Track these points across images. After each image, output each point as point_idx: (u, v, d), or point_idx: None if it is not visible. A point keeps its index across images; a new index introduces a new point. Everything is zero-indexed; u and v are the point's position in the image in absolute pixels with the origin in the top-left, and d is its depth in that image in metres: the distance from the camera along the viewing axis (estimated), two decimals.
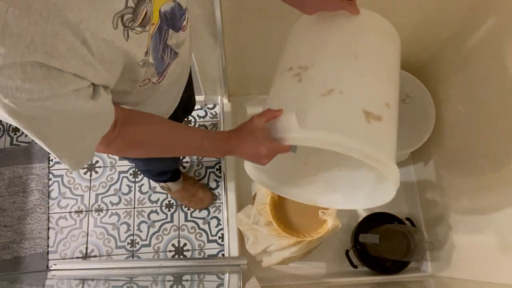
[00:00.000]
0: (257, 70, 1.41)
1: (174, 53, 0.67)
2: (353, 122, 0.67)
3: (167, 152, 0.70)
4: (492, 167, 1.04)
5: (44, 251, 1.53)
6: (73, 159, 0.54)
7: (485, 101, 1.07)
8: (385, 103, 0.71)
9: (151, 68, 0.62)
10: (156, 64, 0.63)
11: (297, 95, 0.72)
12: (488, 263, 1.06)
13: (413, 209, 1.47)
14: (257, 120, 0.69)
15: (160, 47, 0.61)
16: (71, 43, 0.41)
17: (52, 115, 0.46)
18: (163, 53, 0.63)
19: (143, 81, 0.63)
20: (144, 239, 1.55)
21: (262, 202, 1.14)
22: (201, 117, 1.72)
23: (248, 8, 1.08)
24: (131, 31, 0.50)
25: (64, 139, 0.51)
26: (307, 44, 0.80)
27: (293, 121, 0.67)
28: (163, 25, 0.59)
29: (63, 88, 0.43)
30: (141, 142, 0.65)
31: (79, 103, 0.47)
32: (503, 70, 0.98)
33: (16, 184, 1.61)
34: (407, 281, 1.36)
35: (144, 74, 0.61)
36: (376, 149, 0.65)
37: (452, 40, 1.20)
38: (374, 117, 0.67)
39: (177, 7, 0.61)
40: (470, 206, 1.15)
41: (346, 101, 0.68)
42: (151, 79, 0.65)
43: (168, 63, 0.67)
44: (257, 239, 1.19)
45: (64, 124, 0.49)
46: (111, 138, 0.60)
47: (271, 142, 0.68)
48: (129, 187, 1.62)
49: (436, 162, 1.36)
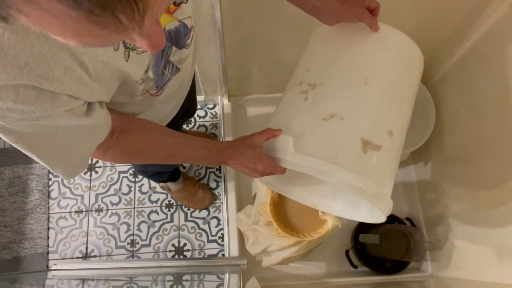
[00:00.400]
0: (257, 70, 1.41)
1: (176, 68, 0.66)
2: (348, 151, 0.67)
3: (163, 160, 0.70)
4: (492, 167, 1.04)
5: (44, 251, 1.53)
6: (67, 169, 0.53)
7: (485, 101, 1.07)
8: (388, 132, 0.69)
9: (150, 82, 0.62)
10: (156, 79, 0.62)
11: (300, 116, 0.72)
12: (488, 263, 1.06)
13: (413, 209, 1.47)
14: (258, 137, 0.70)
15: (161, 63, 0.60)
16: (68, 65, 0.40)
17: (44, 131, 0.45)
18: (164, 68, 0.63)
19: (141, 91, 0.63)
20: (144, 239, 1.55)
21: (262, 202, 1.14)
22: (201, 117, 1.72)
23: (248, 8, 1.08)
24: (132, 51, 0.49)
25: (56, 151, 0.50)
26: (320, 59, 0.79)
27: (289, 144, 0.68)
28: (167, 42, 0.58)
29: (55, 109, 0.42)
30: (138, 151, 0.65)
31: (72, 121, 0.46)
32: (503, 70, 0.98)
33: (16, 184, 1.61)
34: (407, 281, 1.36)
35: (144, 86, 0.60)
36: (366, 180, 0.64)
37: (452, 40, 1.20)
38: (372, 147, 0.67)
39: (183, 26, 0.59)
40: (470, 206, 1.15)
41: (346, 128, 0.68)
42: (150, 91, 0.65)
43: (168, 78, 0.66)
44: (257, 239, 1.19)
45: (56, 138, 0.48)
46: (108, 146, 0.59)
47: (268, 160, 0.69)
48: (129, 187, 1.62)
49: (436, 162, 1.36)
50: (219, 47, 1.19)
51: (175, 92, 0.75)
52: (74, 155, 0.53)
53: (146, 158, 0.68)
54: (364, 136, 0.67)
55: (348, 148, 0.67)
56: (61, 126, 0.47)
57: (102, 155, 0.61)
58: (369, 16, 0.72)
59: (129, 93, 0.59)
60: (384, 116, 0.71)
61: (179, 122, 1.03)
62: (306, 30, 1.17)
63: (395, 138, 0.70)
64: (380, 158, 0.68)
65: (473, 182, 1.13)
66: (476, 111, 1.11)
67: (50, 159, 0.50)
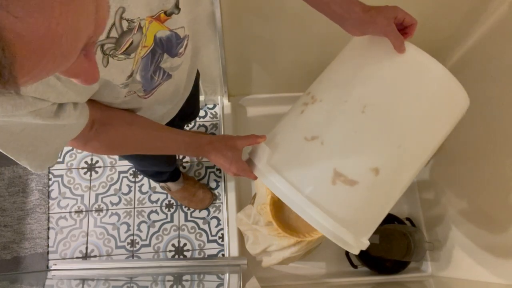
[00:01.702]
0: (257, 70, 1.41)
1: (168, 75, 0.65)
2: (317, 178, 0.63)
3: (145, 152, 0.72)
4: (492, 167, 1.04)
5: (44, 251, 1.53)
6: (33, 163, 0.52)
7: (484, 101, 1.07)
8: (371, 169, 0.62)
9: (137, 85, 0.61)
10: (144, 82, 0.61)
11: (288, 128, 0.70)
12: (488, 263, 1.06)
13: (413, 209, 1.47)
14: (240, 141, 0.72)
15: (151, 68, 0.60)
16: None
17: (8, 126, 0.44)
18: (153, 74, 0.62)
19: (127, 92, 0.62)
20: (144, 239, 1.55)
21: (262, 202, 1.14)
22: (201, 117, 1.72)
23: (248, 8, 1.08)
24: (111, 58, 0.48)
25: (23, 146, 0.48)
26: (334, 73, 0.72)
27: (265, 154, 0.68)
28: (157, 49, 0.57)
29: (16, 111, 0.41)
30: (120, 143, 0.65)
31: (37, 121, 0.44)
32: (502, 70, 0.98)
33: (16, 184, 1.61)
34: (407, 281, 1.36)
35: (128, 91, 0.60)
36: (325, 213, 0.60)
37: (452, 40, 1.20)
38: (345, 181, 0.61)
39: (174, 36, 0.59)
40: (470, 206, 1.15)
41: (322, 154, 0.63)
42: (137, 93, 0.64)
43: (158, 83, 0.65)
44: (257, 239, 1.19)
45: (23, 134, 0.46)
46: (87, 138, 0.59)
47: (244, 165, 0.71)
48: (129, 187, 1.62)
49: (435, 162, 1.36)
50: (219, 47, 1.19)
51: (169, 96, 0.74)
52: (43, 150, 0.51)
53: (128, 150, 0.69)
54: (337, 166, 0.61)
55: (317, 177, 0.63)
56: (27, 123, 0.45)
57: (82, 146, 0.60)
58: (394, 32, 0.62)
59: (112, 95, 0.58)
60: (372, 151, 0.63)
61: (178, 124, 1.03)
62: (306, 30, 1.17)
63: (383, 177, 0.63)
64: (353, 194, 0.62)
65: (473, 182, 1.13)
66: (476, 111, 1.11)
67: (16, 153, 0.48)
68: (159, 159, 1.16)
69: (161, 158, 1.16)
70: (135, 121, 0.67)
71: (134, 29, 0.49)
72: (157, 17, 0.53)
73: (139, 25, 0.49)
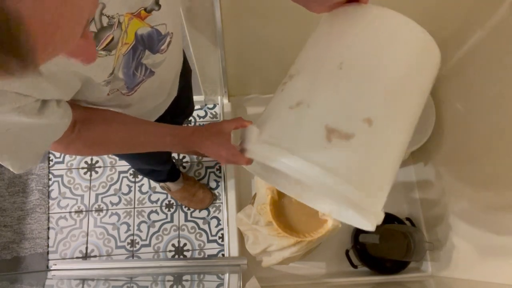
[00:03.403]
0: (257, 70, 1.41)
1: (150, 71, 0.66)
2: (311, 138, 0.61)
3: (129, 150, 0.70)
4: (492, 167, 1.04)
5: (44, 251, 1.53)
6: (16, 164, 0.52)
7: (484, 101, 1.07)
8: (363, 119, 0.60)
9: (119, 82, 0.61)
10: (126, 79, 0.61)
11: (273, 107, 0.69)
12: (488, 263, 1.06)
13: (413, 209, 1.47)
14: (226, 124, 0.70)
15: (132, 65, 0.60)
16: None
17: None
18: (135, 70, 0.62)
19: (110, 91, 0.62)
20: (144, 239, 1.55)
21: (262, 202, 1.14)
22: (201, 117, 1.72)
23: (248, 8, 1.08)
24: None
25: (7, 145, 0.49)
26: (306, 50, 0.75)
27: (253, 134, 0.65)
28: (139, 45, 0.58)
29: (0, 107, 0.41)
30: (102, 142, 0.64)
31: (21, 119, 0.45)
32: (502, 70, 0.98)
33: (16, 184, 1.61)
34: (407, 281, 1.36)
35: (110, 89, 0.59)
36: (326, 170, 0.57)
37: (452, 40, 1.20)
38: (340, 135, 0.59)
39: (155, 32, 0.59)
40: (470, 206, 1.15)
41: (311, 115, 0.62)
42: (120, 90, 0.64)
43: (141, 80, 0.65)
44: (257, 239, 1.19)
45: (7, 133, 0.46)
46: (70, 140, 0.58)
47: (234, 149, 0.68)
48: (129, 187, 1.62)
49: (436, 162, 1.36)
50: (219, 47, 1.19)
51: (154, 92, 0.74)
52: (26, 151, 0.51)
53: (111, 148, 0.67)
54: (329, 123, 0.60)
55: (310, 137, 0.60)
56: (12, 123, 0.45)
57: (64, 149, 0.60)
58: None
59: (94, 95, 0.58)
60: (360, 102, 0.62)
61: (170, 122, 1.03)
62: (306, 29, 1.17)
63: (377, 128, 0.61)
64: (352, 149, 0.59)
65: (473, 182, 1.13)
66: (476, 111, 1.11)
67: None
68: (151, 157, 1.15)
69: (152, 156, 1.15)
70: (116, 118, 0.66)
71: (114, 25, 0.49)
72: (138, 14, 0.53)
73: (118, 21, 0.50)
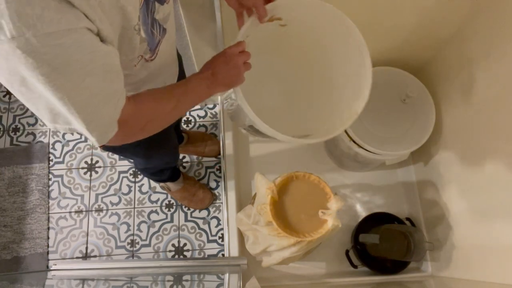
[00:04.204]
0: None
1: (163, 29, 0.70)
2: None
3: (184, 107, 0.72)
4: (492, 167, 1.04)
5: (44, 251, 1.53)
6: (97, 128, 0.53)
7: (485, 101, 1.07)
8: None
9: (143, 44, 0.64)
10: (148, 39, 0.65)
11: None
12: (488, 263, 1.06)
13: (413, 209, 1.46)
14: (230, 50, 0.77)
15: (149, 21, 0.63)
16: None
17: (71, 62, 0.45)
18: (152, 27, 0.65)
19: (137, 58, 0.65)
20: (144, 239, 1.55)
21: (262, 202, 1.14)
22: (201, 117, 1.72)
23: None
24: None
25: (85, 101, 0.50)
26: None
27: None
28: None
29: (78, 22, 0.44)
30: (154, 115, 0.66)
31: (94, 44, 0.47)
32: (503, 70, 0.98)
33: (16, 184, 1.61)
34: (407, 281, 1.36)
35: (139, 48, 0.63)
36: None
37: (452, 40, 1.20)
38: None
39: None
40: (470, 206, 1.15)
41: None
42: (144, 56, 0.68)
43: (158, 40, 0.70)
44: (257, 239, 1.19)
45: (83, 78, 0.48)
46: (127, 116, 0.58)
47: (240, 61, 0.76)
48: (129, 187, 1.62)
49: (436, 162, 1.36)
50: (219, 47, 1.19)
51: (167, 63, 0.79)
52: (102, 111, 0.53)
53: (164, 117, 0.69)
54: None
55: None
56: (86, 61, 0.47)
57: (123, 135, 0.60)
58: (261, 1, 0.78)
59: (128, 50, 0.61)
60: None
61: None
62: None
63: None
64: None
65: (473, 182, 1.13)
66: (476, 111, 1.11)
67: (81, 107, 0.49)
68: (168, 149, 1.18)
69: (170, 149, 1.19)
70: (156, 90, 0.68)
71: None
72: None
73: None
